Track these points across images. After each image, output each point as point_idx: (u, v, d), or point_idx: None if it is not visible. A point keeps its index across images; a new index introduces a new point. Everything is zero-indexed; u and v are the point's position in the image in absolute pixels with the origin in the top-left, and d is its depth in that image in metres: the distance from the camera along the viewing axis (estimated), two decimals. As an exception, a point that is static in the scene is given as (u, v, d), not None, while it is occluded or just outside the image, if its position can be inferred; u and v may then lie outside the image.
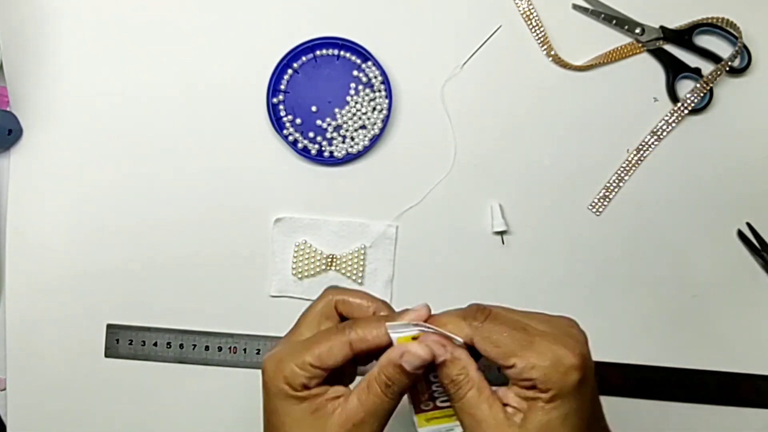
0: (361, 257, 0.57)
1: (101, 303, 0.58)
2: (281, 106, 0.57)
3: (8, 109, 0.58)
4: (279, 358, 0.36)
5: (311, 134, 0.57)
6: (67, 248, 0.58)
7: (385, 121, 0.56)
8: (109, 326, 0.58)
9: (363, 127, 0.57)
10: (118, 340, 0.58)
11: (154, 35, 0.58)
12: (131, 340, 0.58)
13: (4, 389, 0.59)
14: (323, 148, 0.57)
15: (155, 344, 0.58)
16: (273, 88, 0.57)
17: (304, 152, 0.57)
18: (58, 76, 0.58)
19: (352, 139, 0.57)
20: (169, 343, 0.58)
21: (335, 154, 0.57)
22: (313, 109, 0.57)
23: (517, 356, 0.33)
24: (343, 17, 0.57)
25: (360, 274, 0.57)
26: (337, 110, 0.57)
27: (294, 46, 0.56)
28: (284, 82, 0.57)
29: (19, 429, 0.59)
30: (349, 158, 0.57)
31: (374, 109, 0.57)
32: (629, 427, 0.58)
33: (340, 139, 0.57)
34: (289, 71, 0.57)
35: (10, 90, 0.58)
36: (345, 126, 0.57)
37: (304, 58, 0.57)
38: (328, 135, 0.57)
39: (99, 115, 0.58)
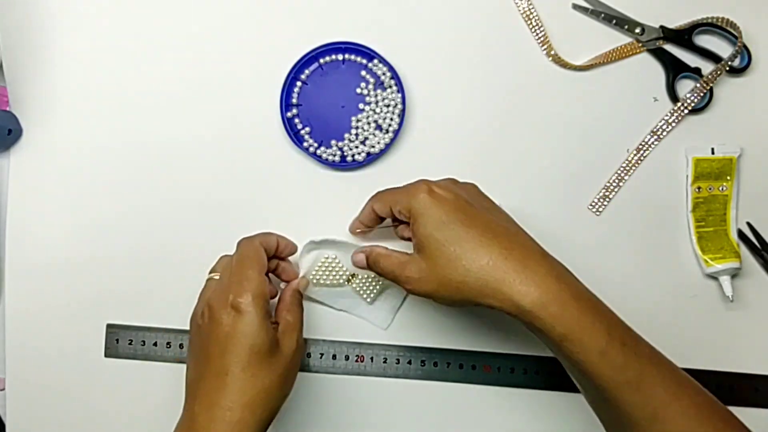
0: (378, 280, 0.56)
1: (101, 303, 0.58)
2: (296, 120, 0.57)
3: (8, 109, 0.58)
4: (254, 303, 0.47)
5: (332, 141, 0.56)
6: (67, 248, 0.58)
7: (402, 115, 0.56)
8: (109, 326, 0.58)
9: (379, 127, 0.56)
10: (118, 340, 0.58)
11: (153, 41, 0.58)
12: (131, 340, 0.58)
13: (4, 389, 0.59)
14: (345, 153, 0.56)
15: (155, 344, 0.58)
16: (285, 103, 0.56)
17: (326, 161, 0.56)
18: (58, 76, 0.58)
19: (374, 136, 0.56)
20: (169, 343, 0.58)
21: (356, 157, 0.56)
22: (329, 116, 0.57)
23: (398, 202, 0.48)
24: (340, 20, 0.57)
25: (372, 295, 0.56)
26: (351, 114, 0.56)
27: (298, 59, 0.56)
28: (295, 95, 0.57)
29: (18, 429, 0.59)
30: (371, 159, 0.57)
31: (388, 105, 0.56)
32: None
33: (358, 141, 0.56)
34: (298, 83, 0.57)
35: (10, 90, 0.58)
36: (362, 127, 0.56)
37: (309, 69, 0.57)
38: (348, 139, 0.56)
39: (99, 115, 0.58)
